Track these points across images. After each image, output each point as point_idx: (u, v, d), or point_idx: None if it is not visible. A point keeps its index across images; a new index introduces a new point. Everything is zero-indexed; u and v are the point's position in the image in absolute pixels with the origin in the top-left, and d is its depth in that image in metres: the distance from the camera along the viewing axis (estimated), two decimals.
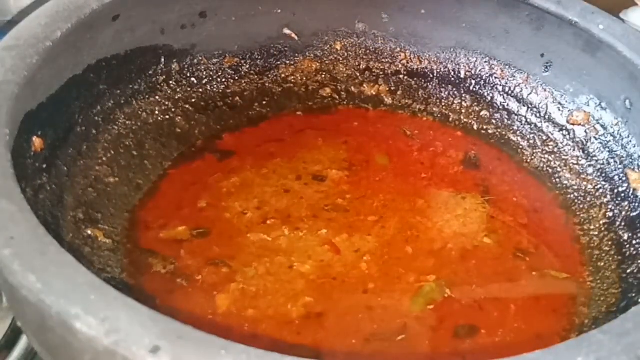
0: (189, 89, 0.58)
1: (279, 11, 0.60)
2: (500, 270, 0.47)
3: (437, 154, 0.57)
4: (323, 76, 0.62)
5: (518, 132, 0.59)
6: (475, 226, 0.50)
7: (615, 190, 0.52)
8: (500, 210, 0.52)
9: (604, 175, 0.53)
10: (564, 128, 0.57)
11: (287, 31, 0.61)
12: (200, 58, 0.58)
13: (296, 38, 0.62)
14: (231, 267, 0.45)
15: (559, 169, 0.56)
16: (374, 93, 0.63)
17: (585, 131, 0.56)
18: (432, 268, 0.46)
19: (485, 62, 0.61)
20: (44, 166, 0.42)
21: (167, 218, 0.48)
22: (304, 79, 0.62)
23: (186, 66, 0.57)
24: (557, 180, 0.55)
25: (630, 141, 0.52)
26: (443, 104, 0.62)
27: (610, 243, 0.49)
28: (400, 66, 0.63)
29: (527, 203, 0.53)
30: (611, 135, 0.54)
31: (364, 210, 0.50)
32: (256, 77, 0.61)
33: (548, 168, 0.56)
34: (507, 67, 0.60)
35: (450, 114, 0.61)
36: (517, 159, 0.58)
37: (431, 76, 0.62)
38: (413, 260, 0.47)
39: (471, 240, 0.49)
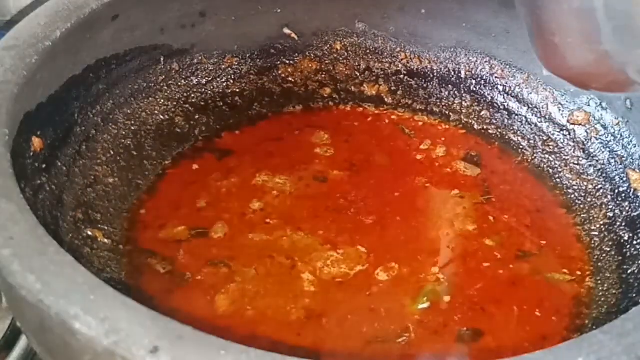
0: (188, 89, 0.58)
1: (279, 11, 0.60)
2: (502, 271, 0.47)
3: (437, 154, 0.57)
4: (323, 76, 0.62)
5: (518, 132, 0.59)
6: (476, 226, 0.50)
7: (616, 191, 0.52)
8: (502, 210, 0.52)
9: (604, 175, 0.53)
10: (564, 128, 0.57)
11: (287, 31, 0.61)
12: (200, 58, 0.58)
13: (296, 38, 0.61)
14: (231, 268, 0.45)
15: (559, 169, 0.56)
16: (374, 93, 0.62)
17: (586, 131, 0.56)
18: (434, 268, 0.46)
19: (486, 62, 0.61)
20: (44, 166, 0.42)
21: (166, 218, 0.48)
22: (304, 79, 0.62)
23: (186, 66, 0.57)
24: (558, 180, 0.55)
25: (631, 141, 0.52)
26: (443, 103, 0.61)
27: (610, 243, 0.49)
28: (400, 66, 0.63)
29: (529, 203, 0.53)
30: (612, 135, 0.54)
31: (365, 210, 0.50)
32: (256, 77, 0.61)
33: (549, 168, 0.56)
34: (508, 66, 0.60)
35: (450, 113, 0.61)
36: (518, 159, 0.57)
37: (431, 76, 0.62)
38: (414, 260, 0.47)
39: (472, 241, 0.49)
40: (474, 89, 0.61)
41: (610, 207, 0.51)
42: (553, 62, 0.36)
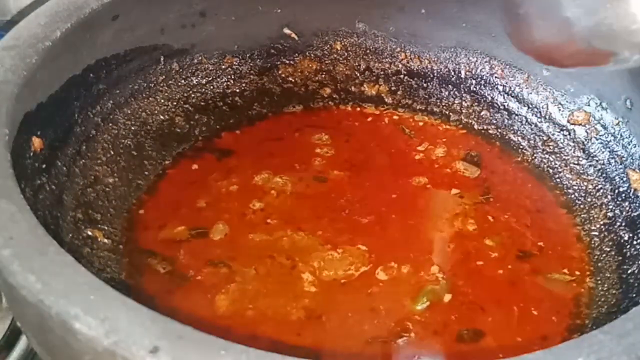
0: (188, 89, 0.57)
1: (279, 11, 0.60)
2: (502, 271, 0.47)
3: (437, 154, 0.57)
4: (323, 76, 0.62)
5: (518, 132, 0.59)
6: (476, 226, 0.50)
7: (616, 191, 0.52)
8: (502, 210, 0.52)
9: (604, 175, 0.53)
10: (564, 128, 0.57)
11: (287, 31, 0.61)
12: (200, 58, 0.58)
13: (296, 38, 0.61)
14: (231, 268, 0.45)
15: (559, 169, 0.56)
16: (374, 93, 0.62)
17: (586, 131, 0.56)
18: (434, 268, 0.46)
19: (486, 62, 0.61)
20: (44, 166, 0.42)
21: (166, 218, 0.48)
22: (304, 79, 0.62)
23: (186, 66, 0.57)
24: (558, 180, 0.55)
25: (631, 141, 0.52)
26: (443, 103, 0.61)
27: (610, 243, 0.49)
28: (400, 66, 0.63)
29: (529, 203, 0.53)
30: (612, 135, 0.54)
31: (365, 210, 0.50)
32: (256, 77, 0.61)
33: (549, 168, 0.56)
34: (508, 67, 0.60)
35: (450, 113, 0.61)
36: (518, 158, 0.57)
37: (431, 76, 0.62)
38: (414, 260, 0.47)
39: (472, 241, 0.49)
40: (474, 89, 0.61)
41: (610, 207, 0.51)
42: (520, 37, 0.37)
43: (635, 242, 0.48)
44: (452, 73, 0.62)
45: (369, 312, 0.43)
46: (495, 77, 0.60)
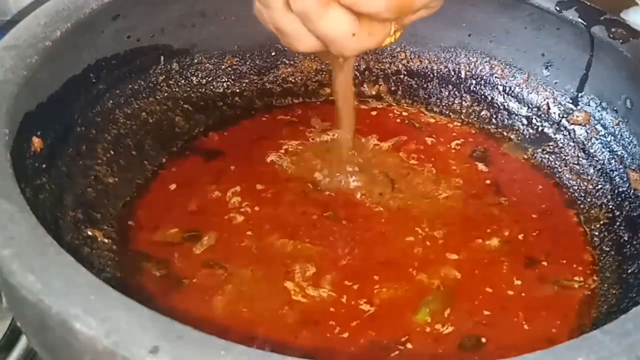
0: (188, 89, 0.57)
1: None
2: (508, 275, 0.46)
3: (437, 153, 0.56)
4: (323, 76, 0.62)
5: (518, 132, 0.59)
6: (481, 230, 0.49)
7: (616, 191, 0.52)
8: (507, 212, 0.51)
9: (604, 175, 0.53)
10: (564, 128, 0.57)
11: None
12: (200, 58, 0.58)
13: None
14: (227, 269, 0.45)
15: (559, 169, 0.56)
16: (374, 93, 0.62)
17: (586, 131, 0.56)
18: (438, 274, 0.45)
19: (486, 61, 0.60)
20: (44, 166, 0.42)
21: (161, 220, 0.48)
22: (304, 79, 0.62)
23: (186, 66, 0.57)
24: (558, 180, 0.55)
25: (631, 141, 0.52)
26: (443, 103, 0.61)
27: (610, 243, 0.49)
28: (400, 66, 0.62)
29: (532, 204, 0.52)
30: (612, 135, 0.54)
31: (363, 212, 0.50)
32: (256, 77, 0.61)
33: (549, 168, 0.56)
34: (508, 66, 0.60)
35: (450, 113, 0.61)
36: (518, 158, 0.57)
37: (431, 76, 0.62)
38: (417, 265, 0.46)
39: (478, 245, 0.48)
40: (474, 89, 0.61)
41: (610, 207, 0.51)
42: None
43: (635, 242, 0.48)
44: (452, 73, 0.62)
45: (368, 318, 0.42)
46: (495, 77, 0.60)
